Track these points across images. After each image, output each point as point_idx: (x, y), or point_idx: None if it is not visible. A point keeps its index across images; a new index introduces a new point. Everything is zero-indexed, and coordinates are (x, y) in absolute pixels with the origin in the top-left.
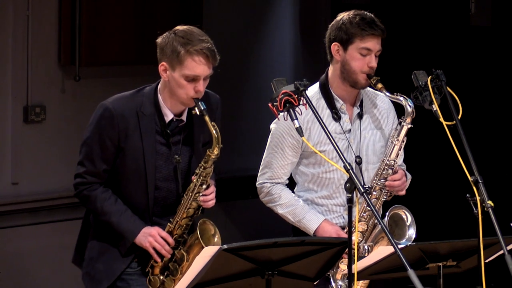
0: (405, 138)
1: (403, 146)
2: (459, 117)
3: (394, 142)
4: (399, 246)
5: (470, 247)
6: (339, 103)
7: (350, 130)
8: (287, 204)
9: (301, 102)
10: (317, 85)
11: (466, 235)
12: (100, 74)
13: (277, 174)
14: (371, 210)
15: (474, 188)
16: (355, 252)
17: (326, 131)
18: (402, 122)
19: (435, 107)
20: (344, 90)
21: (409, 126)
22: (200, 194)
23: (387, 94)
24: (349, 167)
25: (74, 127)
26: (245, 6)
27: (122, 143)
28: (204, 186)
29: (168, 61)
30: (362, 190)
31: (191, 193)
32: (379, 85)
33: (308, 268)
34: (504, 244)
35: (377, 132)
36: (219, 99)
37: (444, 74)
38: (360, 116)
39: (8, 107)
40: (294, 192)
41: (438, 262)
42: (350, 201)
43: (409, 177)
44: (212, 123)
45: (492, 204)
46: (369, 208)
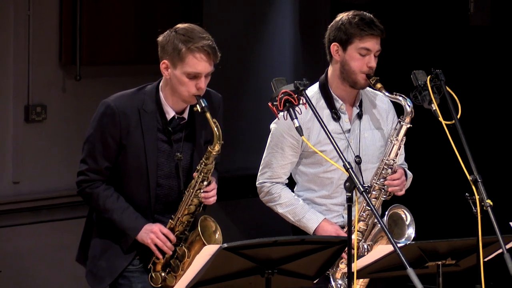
0: (404, 137)
1: (402, 145)
2: (458, 116)
3: (394, 141)
4: (399, 245)
5: (469, 246)
6: (339, 103)
7: (349, 130)
8: (287, 204)
9: (300, 102)
10: (316, 85)
11: (465, 234)
12: (101, 74)
13: (277, 174)
14: (371, 209)
15: (473, 187)
16: (354, 251)
17: (326, 130)
18: (401, 122)
19: (434, 106)
20: (343, 90)
21: (408, 125)
22: (201, 191)
23: (386, 94)
24: (348, 166)
25: (74, 126)
26: (245, 6)
27: (124, 141)
28: (205, 183)
29: (169, 59)
30: (362, 189)
31: (192, 190)
32: (379, 85)
33: (308, 267)
34: (503, 243)
35: (377, 132)
36: (221, 98)
37: (443, 73)
38: (360, 116)
39: (9, 106)
40: (293, 192)
41: (437, 260)
42: (350, 200)
43: (410, 176)
44: (213, 119)
45: (491, 203)
46: (368, 208)
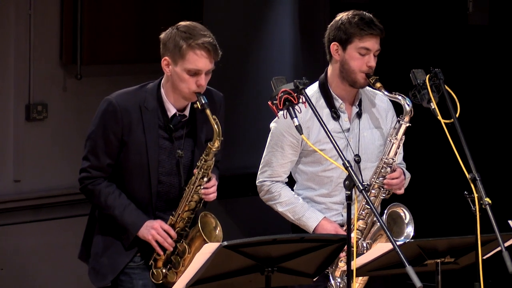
0: (403, 136)
1: (401, 144)
2: (457, 115)
3: (393, 140)
4: (398, 243)
5: (468, 244)
6: (338, 102)
7: (349, 129)
8: (286, 202)
9: (300, 100)
10: (316, 84)
11: (464, 232)
12: (102, 73)
13: (277, 173)
14: (370, 208)
15: (472, 186)
16: (354, 249)
17: (326, 129)
18: (401, 121)
19: (433, 105)
20: (343, 89)
21: (408, 124)
22: (201, 187)
23: (386, 93)
24: (348, 165)
25: (75, 125)
26: (245, 6)
27: (125, 137)
28: (205, 179)
29: (170, 56)
30: (361, 187)
31: (192, 186)
32: (378, 84)
33: (307, 265)
34: (501, 241)
35: (376, 131)
36: (223, 97)
37: (442, 72)
38: (359, 115)
39: (10, 105)
40: (293, 190)
41: (436, 258)
42: (349, 199)
43: (407, 175)
44: (213, 116)
45: (490, 201)
46: (368, 206)
